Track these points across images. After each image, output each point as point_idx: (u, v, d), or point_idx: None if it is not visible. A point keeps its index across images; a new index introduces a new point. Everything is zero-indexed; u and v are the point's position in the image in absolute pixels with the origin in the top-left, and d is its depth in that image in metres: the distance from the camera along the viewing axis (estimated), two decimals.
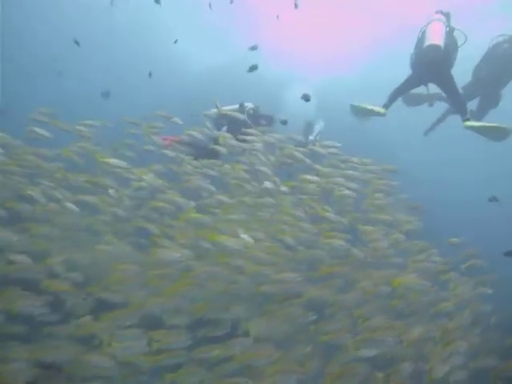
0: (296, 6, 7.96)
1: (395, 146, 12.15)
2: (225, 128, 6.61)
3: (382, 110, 6.14)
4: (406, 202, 5.47)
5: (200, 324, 3.75)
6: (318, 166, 5.57)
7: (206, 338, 3.64)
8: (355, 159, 5.61)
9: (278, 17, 9.62)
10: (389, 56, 12.29)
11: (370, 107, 6.20)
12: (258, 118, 6.72)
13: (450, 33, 5.84)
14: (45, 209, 4.78)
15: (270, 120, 6.82)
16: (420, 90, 6.55)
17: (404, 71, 6.27)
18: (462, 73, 6.20)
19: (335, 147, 5.70)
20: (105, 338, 3.49)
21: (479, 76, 6.84)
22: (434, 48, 5.55)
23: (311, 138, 7.37)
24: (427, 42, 5.63)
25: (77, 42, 7.77)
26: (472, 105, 6.95)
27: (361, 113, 6.41)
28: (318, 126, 7.15)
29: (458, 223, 7.46)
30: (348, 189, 5.21)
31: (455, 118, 6.71)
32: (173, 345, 3.38)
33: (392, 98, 6.16)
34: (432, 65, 5.69)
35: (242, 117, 6.40)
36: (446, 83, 5.84)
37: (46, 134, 5.13)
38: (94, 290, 3.95)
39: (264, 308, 4.08)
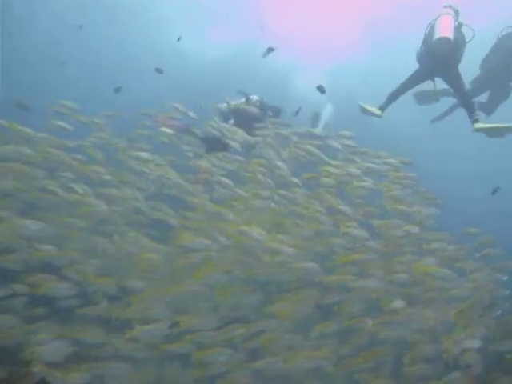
0: None
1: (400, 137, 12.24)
2: (231, 121, 6.73)
3: (377, 112, 6.19)
4: (422, 194, 5.57)
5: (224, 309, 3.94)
6: (333, 161, 5.68)
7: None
8: (372, 152, 5.72)
9: None
10: (392, 41, 12.36)
11: (368, 108, 6.26)
12: (264, 110, 6.83)
13: (458, 27, 5.86)
14: (66, 199, 4.95)
15: (276, 111, 6.93)
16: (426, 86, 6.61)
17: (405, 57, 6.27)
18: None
19: (351, 138, 5.82)
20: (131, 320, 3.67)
21: (488, 68, 6.88)
22: (444, 40, 5.55)
23: (319, 128, 7.48)
24: (437, 35, 5.63)
25: (79, 27, 7.84)
26: (483, 97, 7.07)
27: (363, 111, 6.48)
28: (326, 112, 7.22)
29: (467, 216, 7.56)
30: (365, 181, 5.34)
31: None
32: (200, 326, 3.55)
33: (392, 97, 6.17)
34: (441, 58, 5.68)
35: (256, 111, 6.52)
36: (454, 79, 5.87)
37: (68, 126, 5.31)
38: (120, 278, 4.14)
39: (283, 294, 4.25)
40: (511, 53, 6.53)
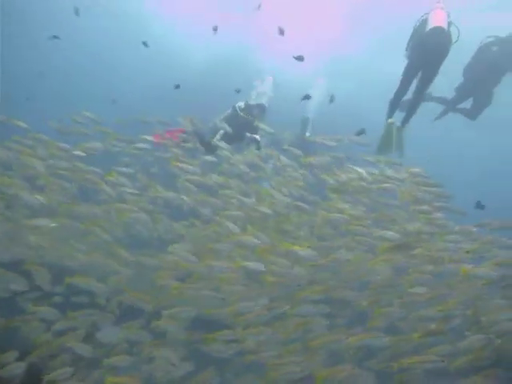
0: None
1: None
2: (222, 132, 7.17)
3: (390, 123, 6.38)
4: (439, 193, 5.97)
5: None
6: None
7: None
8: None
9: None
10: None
11: (386, 140, 6.45)
12: (250, 110, 7.45)
13: (449, 25, 5.95)
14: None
15: (261, 108, 7.51)
16: None
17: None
18: None
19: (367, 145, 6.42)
20: None
21: (470, 76, 7.46)
22: (439, 30, 5.68)
23: (308, 134, 8.29)
24: (431, 25, 5.77)
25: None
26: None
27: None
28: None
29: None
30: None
31: None
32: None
33: (394, 104, 6.35)
34: (434, 47, 5.76)
35: (272, 130, 7.12)
36: (430, 77, 5.99)
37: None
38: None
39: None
40: (493, 64, 7.11)
